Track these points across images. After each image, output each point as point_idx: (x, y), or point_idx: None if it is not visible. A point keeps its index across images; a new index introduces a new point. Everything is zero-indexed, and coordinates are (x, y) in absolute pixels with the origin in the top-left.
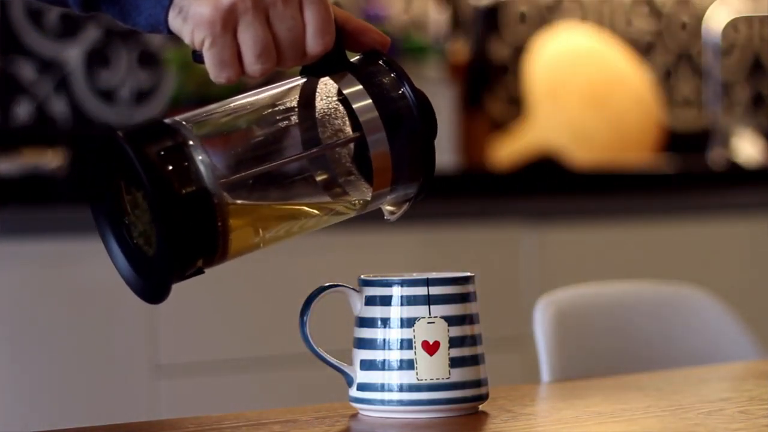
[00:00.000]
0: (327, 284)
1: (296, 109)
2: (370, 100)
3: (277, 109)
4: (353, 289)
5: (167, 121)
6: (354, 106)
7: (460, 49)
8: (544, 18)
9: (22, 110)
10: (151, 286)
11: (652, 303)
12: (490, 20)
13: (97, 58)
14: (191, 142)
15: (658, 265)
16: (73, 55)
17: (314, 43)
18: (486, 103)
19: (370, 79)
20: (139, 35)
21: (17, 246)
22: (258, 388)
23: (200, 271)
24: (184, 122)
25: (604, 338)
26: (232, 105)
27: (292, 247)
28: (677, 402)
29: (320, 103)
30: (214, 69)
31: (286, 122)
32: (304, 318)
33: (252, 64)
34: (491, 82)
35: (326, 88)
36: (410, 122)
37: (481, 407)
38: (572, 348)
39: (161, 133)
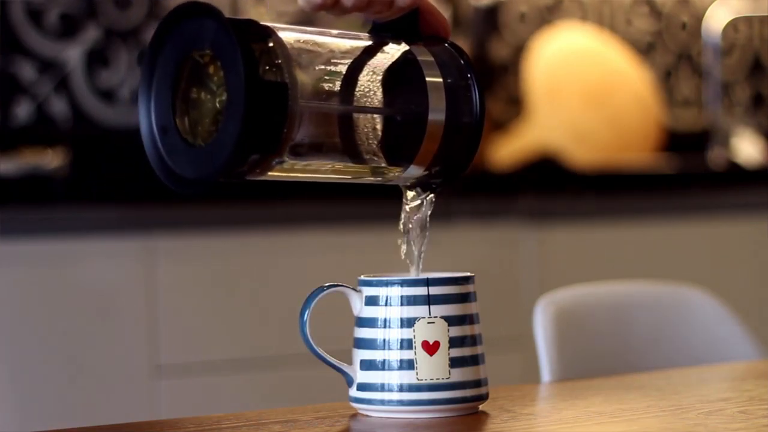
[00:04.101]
0: (327, 284)
1: (367, 64)
2: (439, 71)
3: (352, 59)
4: (353, 289)
5: (261, 22)
6: (425, 71)
7: None
8: (544, 18)
9: (22, 110)
10: (196, 176)
11: (652, 303)
12: (490, 20)
13: (97, 58)
14: (281, 48)
15: (658, 265)
16: (73, 55)
17: None
18: (486, 103)
19: (440, 56)
20: (139, 35)
21: (17, 246)
22: (258, 388)
23: (240, 176)
24: (276, 29)
25: (604, 338)
26: (315, 37)
27: (292, 247)
28: (677, 402)
29: (383, 66)
30: None
31: (357, 73)
32: (304, 318)
33: None
34: (491, 82)
35: (391, 53)
36: (470, 109)
37: (481, 407)
38: (572, 348)
39: (256, 29)
